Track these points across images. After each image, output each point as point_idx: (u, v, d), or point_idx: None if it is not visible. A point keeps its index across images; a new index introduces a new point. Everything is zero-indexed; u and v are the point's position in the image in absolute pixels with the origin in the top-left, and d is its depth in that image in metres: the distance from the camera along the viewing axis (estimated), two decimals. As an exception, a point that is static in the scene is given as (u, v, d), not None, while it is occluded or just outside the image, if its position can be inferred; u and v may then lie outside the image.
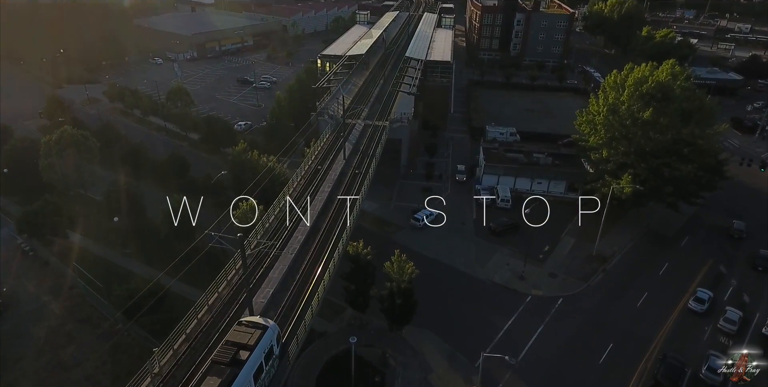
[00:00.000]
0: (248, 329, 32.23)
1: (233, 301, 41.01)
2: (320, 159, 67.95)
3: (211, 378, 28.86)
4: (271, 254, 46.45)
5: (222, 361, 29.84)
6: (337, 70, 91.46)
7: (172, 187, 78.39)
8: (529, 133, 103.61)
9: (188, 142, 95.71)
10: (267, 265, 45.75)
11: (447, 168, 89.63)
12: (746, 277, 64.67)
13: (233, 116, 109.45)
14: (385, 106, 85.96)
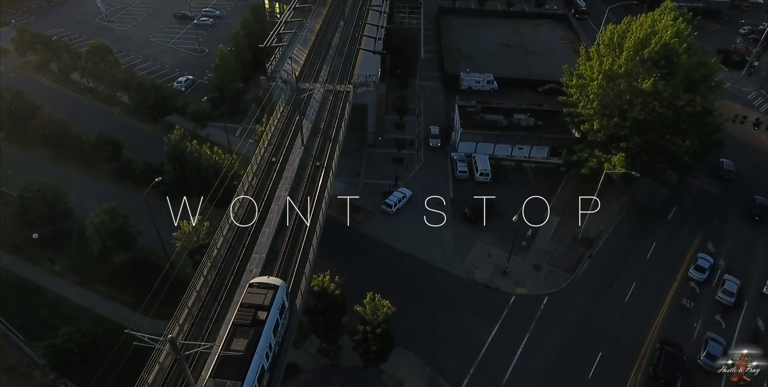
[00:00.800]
0: (261, 290, 35.39)
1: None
2: (275, 146, 58.52)
3: (238, 340, 32.01)
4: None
5: (244, 323, 32.94)
6: (288, 18, 77.98)
7: (103, 174, 68.70)
8: (507, 80, 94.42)
9: (120, 107, 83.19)
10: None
11: (419, 129, 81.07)
12: (743, 229, 62.83)
13: (172, 68, 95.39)
14: (347, 64, 74.63)
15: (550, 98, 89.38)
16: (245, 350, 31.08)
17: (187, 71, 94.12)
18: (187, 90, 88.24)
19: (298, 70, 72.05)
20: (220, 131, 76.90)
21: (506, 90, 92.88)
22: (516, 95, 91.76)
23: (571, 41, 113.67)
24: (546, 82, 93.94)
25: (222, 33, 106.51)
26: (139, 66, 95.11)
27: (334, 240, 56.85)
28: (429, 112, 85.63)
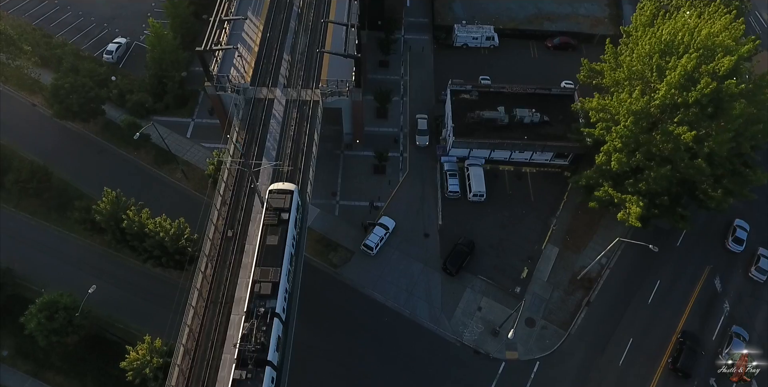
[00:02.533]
0: (280, 195, 43.70)
1: None
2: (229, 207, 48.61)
3: (271, 236, 41.55)
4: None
5: (272, 223, 42.27)
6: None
7: (34, 208, 59.15)
8: (510, 32, 78.16)
9: (43, 94, 68.30)
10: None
11: (404, 116, 68.85)
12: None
13: (99, 21, 76.74)
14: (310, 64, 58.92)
15: (561, 56, 75.88)
16: (278, 243, 41.17)
17: (118, 26, 76.23)
18: (122, 61, 72.29)
19: (250, 70, 57.62)
20: (166, 130, 65.03)
21: (509, 45, 77.62)
22: (521, 52, 77.30)
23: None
24: (556, 34, 78.06)
25: None
26: (57, 20, 76.44)
27: (310, 293, 50.91)
28: (417, 86, 72.08)
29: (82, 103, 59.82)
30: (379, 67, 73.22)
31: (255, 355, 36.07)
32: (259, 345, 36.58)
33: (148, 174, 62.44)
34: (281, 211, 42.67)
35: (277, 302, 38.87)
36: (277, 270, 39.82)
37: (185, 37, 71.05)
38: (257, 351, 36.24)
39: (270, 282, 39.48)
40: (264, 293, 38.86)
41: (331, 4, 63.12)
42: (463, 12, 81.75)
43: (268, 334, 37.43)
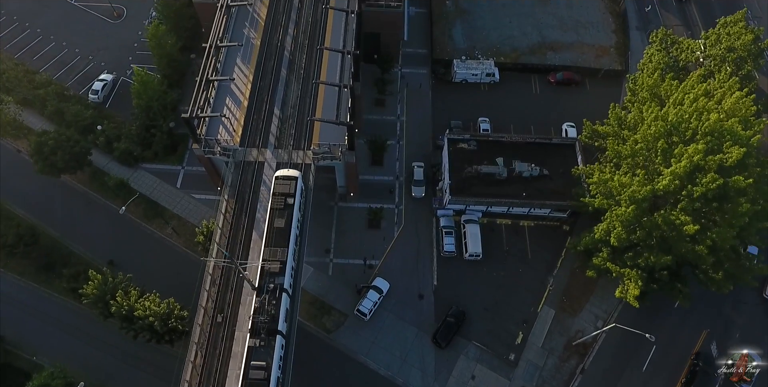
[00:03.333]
0: (285, 182, 47.63)
1: None
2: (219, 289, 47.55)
3: (278, 219, 45.82)
4: None
5: (278, 208, 46.42)
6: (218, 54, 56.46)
7: (23, 269, 58.16)
8: (511, 66, 75.08)
9: (29, 139, 66.27)
10: None
11: (400, 162, 66.89)
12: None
13: (83, 53, 73.56)
14: (301, 124, 56.27)
15: (564, 92, 73.32)
16: (284, 225, 45.28)
17: (104, 59, 73.12)
18: (108, 99, 69.63)
19: (239, 129, 55.40)
20: (155, 180, 63.53)
21: (510, 80, 74.78)
22: (522, 87, 74.59)
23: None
24: (559, 69, 75.04)
25: None
26: (40, 53, 73.25)
27: (303, 360, 50.45)
28: (414, 127, 69.76)
29: (68, 160, 57.87)
30: (375, 106, 70.74)
31: (267, 325, 41.28)
32: (270, 317, 41.54)
33: (137, 228, 61.15)
34: (287, 196, 46.85)
35: (284, 279, 43.66)
36: (284, 250, 44.63)
37: (173, 75, 68.44)
38: (268, 322, 41.45)
39: (278, 261, 44.15)
40: (273, 271, 43.72)
41: (323, 58, 59.79)
42: (463, 40, 78.46)
43: (277, 307, 42.48)
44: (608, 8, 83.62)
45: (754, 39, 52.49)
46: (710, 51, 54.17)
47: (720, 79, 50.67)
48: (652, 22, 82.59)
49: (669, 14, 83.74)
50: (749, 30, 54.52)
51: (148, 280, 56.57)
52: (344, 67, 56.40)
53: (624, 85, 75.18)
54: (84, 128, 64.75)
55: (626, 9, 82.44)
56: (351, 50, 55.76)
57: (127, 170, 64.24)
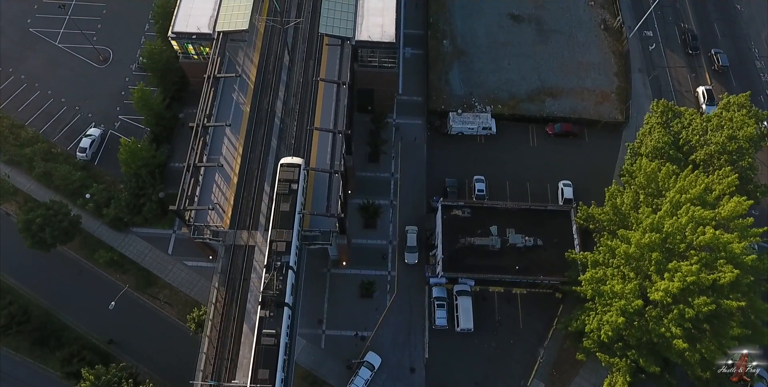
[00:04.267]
0: (289, 168, 50.65)
1: None
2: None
3: (283, 204, 49.15)
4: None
5: (284, 193, 49.61)
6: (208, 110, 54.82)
7: (17, 343, 58.40)
8: (509, 116, 73.24)
9: (16, 200, 65.42)
10: None
11: (393, 224, 66.18)
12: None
13: (69, 102, 71.49)
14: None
15: (562, 144, 71.94)
16: (289, 209, 48.83)
17: (91, 110, 71.22)
18: (97, 156, 68.24)
19: (229, 209, 54.56)
20: (146, 246, 63.23)
21: (507, 130, 73.21)
22: (519, 139, 73.19)
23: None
24: (557, 120, 73.29)
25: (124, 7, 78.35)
26: (25, 103, 71.24)
27: None
28: (408, 185, 68.73)
29: (57, 235, 57.23)
30: (368, 161, 69.42)
31: (275, 298, 45.68)
32: (278, 291, 45.97)
33: (130, 299, 60.96)
34: (291, 182, 50.07)
35: (290, 257, 47.87)
36: (289, 231, 48.60)
37: (161, 132, 66.90)
38: (277, 296, 45.85)
39: (284, 241, 48.14)
40: (279, 250, 47.90)
41: (314, 134, 58.18)
42: (460, 86, 76.32)
43: (284, 282, 47.07)
44: (611, 47, 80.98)
45: (755, 131, 50.94)
46: (711, 137, 52.72)
47: (719, 174, 49.46)
48: (656, 64, 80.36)
49: (674, 54, 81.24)
50: (752, 115, 52.78)
51: (143, 354, 57.37)
52: (335, 144, 55.12)
53: (623, 135, 74.43)
54: (73, 191, 63.94)
55: (629, 49, 79.93)
56: (342, 129, 54.27)
57: (118, 235, 63.73)
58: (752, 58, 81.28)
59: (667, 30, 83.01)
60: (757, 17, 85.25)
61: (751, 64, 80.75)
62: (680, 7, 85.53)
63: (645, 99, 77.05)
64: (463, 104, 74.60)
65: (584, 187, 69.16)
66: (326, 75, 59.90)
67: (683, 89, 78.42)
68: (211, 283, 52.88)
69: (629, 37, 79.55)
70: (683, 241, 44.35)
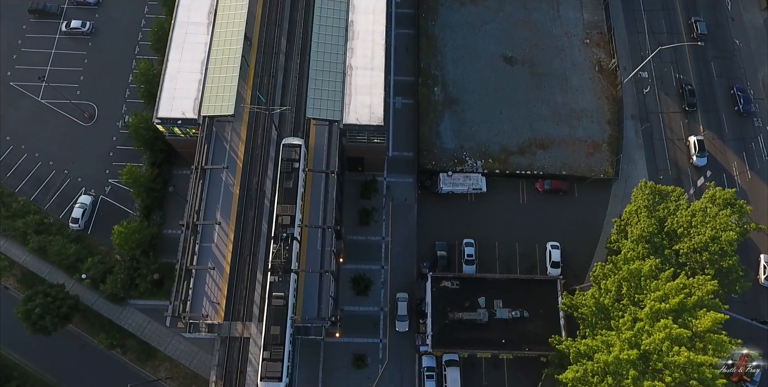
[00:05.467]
0: (291, 148, 56.10)
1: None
2: None
3: (287, 181, 54.95)
4: None
5: (287, 171, 55.27)
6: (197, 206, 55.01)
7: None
8: (499, 172, 73.17)
9: (14, 274, 66.40)
10: None
11: (385, 290, 67.75)
12: None
13: (58, 165, 71.00)
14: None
15: (551, 201, 72.51)
16: (292, 186, 54.53)
17: (80, 174, 70.96)
18: (90, 225, 68.65)
19: (223, 301, 55.95)
20: (145, 319, 65.09)
21: (498, 186, 73.51)
22: (509, 196, 73.70)
23: (599, 35, 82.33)
24: (547, 176, 73.32)
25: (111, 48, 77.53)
26: (13, 167, 70.82)
27: None
28: (399, 248, 69.66)
29: (56, 321, 58.85)
30: (359, 225, 70.05)
31: (282, 266, 51.65)
32: (285, 259, 51.97)
33: (131, 372, 63.51)
34: (293, 161, 55.08)
35: (294, 229, 53.39)
36: (293, 206, 53.76)
37: (152, 203, 67.09)
38: (284, 263, 51.67)
39: (288, 215, 53.56)
40: (285, 223, 53.44)
41: (306, 207, 58.72)
42: (451, 138, 75.76)
43: (290, 251, 52.78)
44: (605, 92, 79.74)
45: (737, 237, 51.57)
46: (695, 234, 53.40)
47: (699, 279, 50.57)
48: (650, 109, 79.46)
49: (668, 98, 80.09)
50: (737, 211, 53.18)
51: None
52: (325, 241, 55.87)
53: (612, 190, 74.77)
54: (68, 266, 65.01)
55: (623, 93, 78.63)
56: (331, 226, 54.84)
57: (116, 308, 65.36)
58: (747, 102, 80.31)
59: (663, 70, 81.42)
60: (755, 54, 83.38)
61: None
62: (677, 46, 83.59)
63: (636, 149, 77.04)
64: (454, 159, 74.49)
65: (572, 247, 70.62)
66: (314, 155, 59.68)
67: (675, 137, 78.01)
68: (209, 356, 55.22)
69: (623, 83, 78.16)
70: (660, 359, 46.30)
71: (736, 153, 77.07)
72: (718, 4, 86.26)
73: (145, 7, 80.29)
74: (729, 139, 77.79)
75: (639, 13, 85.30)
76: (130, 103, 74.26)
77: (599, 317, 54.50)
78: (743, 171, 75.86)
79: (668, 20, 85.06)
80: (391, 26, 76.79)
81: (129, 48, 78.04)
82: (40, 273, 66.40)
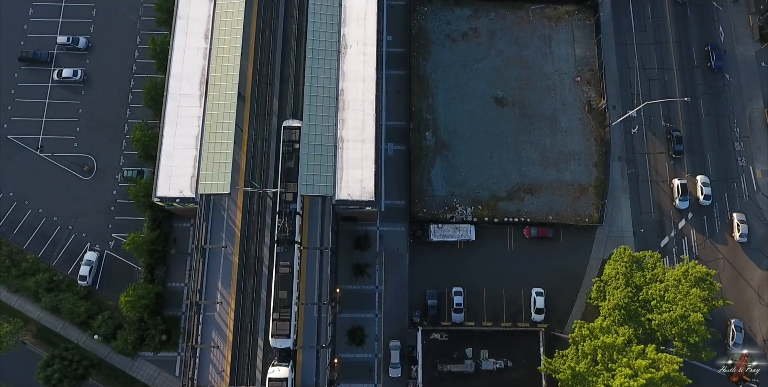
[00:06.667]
0: (292, 130, 61.68)
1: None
2: None
3: (288, 161, 60.62)
4: None
5: (288, 152, 61.01)
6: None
7: None
8: (488, 220, 75.82)
9: (30, 329, 70.48)
10: None
11: (378, 336, 72.19)
12: None
13: (63, 221, 73.48)
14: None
15: (538, 247, 75.81)
16: (293, 165, 60.20)
17: (85, 230, 73.62)
18: (97, 281, 72.09)
19: (227, 368, 60.36)
20: (155, 370, 69.89)
21: (486, 233, 76.46)
22: (498, 243, 76.85)
23: (590, 73, 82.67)
24: (534, 223, 76.16)
25: (104, 97, 78.12)
26: (19, 224, 73.35)
27: None
28: (392, 296, 73.33)
29: (74, 383, 63.57)
30: (353, 275, 73.46)
31: (287, 238, 58.05)
32: (289, 232, 58.12)
33: (150, 424, 69.07)
34: (293, 142, 60.28)
35: (296, 204, 59.39)
36: (295, 184, 59.65)
37: (155, 262, 70.15)
38: (288, 236, 58.12)
39: (291, 192, 59.56)
40: (288, 200, 59.36)
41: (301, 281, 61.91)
42: (442, 185, 77.87)
43: (293, 224, 58.72)
44: (593, 133, 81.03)
45: (704, 318, 55.07)
46: (665, 310, 56.91)
47: (667, 357, 54.50)
48: (637, 150, 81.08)
49: (655, 139, 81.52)
50: (707, 288, 56.49)
51: None
52: (321, 316, 59.54)
53: (596, 235, 77.69)
54: (81, 322, 69.06)
55: (611, 134, 79.95)
56: (326, 302, 58.39)
57: (127, 360, 69.89)
58: (732, 140, 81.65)
59: (651, 109, 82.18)
60: (744, 89, 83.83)
61: (730, 148, 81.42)
62: (668, 81, 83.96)
63: (621, 191, 79.33)
64: (445, 206, 76.99)
65: (556, 291, 74.45)
66: (309, 228, 62.37)
67: (660, 179, 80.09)
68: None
69: (612, 126, 79.34)
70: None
71: (718, 194, 79.42)
72: (711, 35, 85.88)
73: (135, 51, 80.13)
74: (713, 180, 79.83)
75: (631, 46, 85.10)
76: (127, 155, 75.94)
77: (576, 381, 59.14)
78: (723, 212, 78.70)
79: (659, 54, 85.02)
80: (383, 68, 77.18)
81: (122, 95, 78.57)
82: (54, 328, 70.61)
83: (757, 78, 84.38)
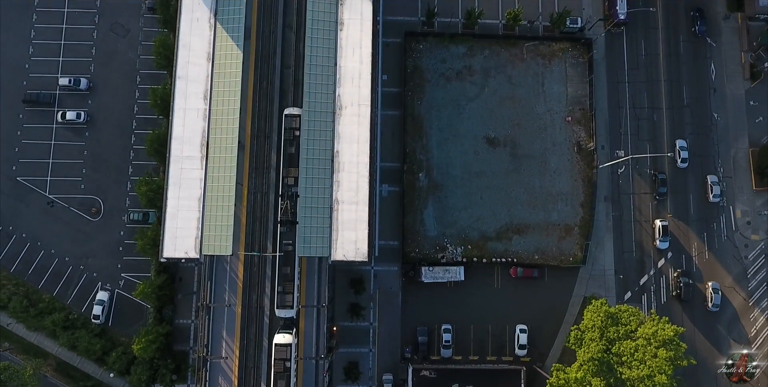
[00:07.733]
0: (292, 118, 65.63)
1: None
2: None
3: (290, 147, 65.25)
4: None
5: (289, 139, 65.41)
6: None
7: None
8: (477, 259, 79.91)
9: (50, 364, 76.13)
10: None
11: (372, 370, 77.94)
12: None
13: (73, 260, 77.59)
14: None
15: (523, 286, 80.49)
16: (294, 151, 64.52)
17: (95, 269, 77.84)
18: (110, 318, 77.08)
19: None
20: (167, 400, 75.93)
21: (475, 273, 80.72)
22: (485, 282, 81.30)
23: (581, 112, 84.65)
24: (519, 264, 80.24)
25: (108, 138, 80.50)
26: (32, 264, 77.46)
27: None
28: (385, 333, 78.56)
29: (96, 421, 69.90)
30: (347, 312, 78.14)
31: (290, 220, 63.49)
32: (292, 215, 63.60)
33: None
34: (294, 129, 64.34)
35: (298, 188, 63.79)
36: (296, 169, 64.06)
37: (163, 304, 74.80)
38: (290, 217, 63.51)
39: (293, 177, 64.31)
40: (290, 184, 64.12)
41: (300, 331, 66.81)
42: (434, 226, 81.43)
43: (294, 206, 63.76)
44: (581, 173, 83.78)
45: (668, 382, 59.89)
46: (633, 367, 61.89)
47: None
48: (622, 190, 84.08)
49: (641, 179, 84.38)
50: (674, 348, 61.14)
51: None
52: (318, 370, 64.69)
53: (579, 274, 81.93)
54: (97, 358, 74.59)
55: (598, 174, 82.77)
56: (323, 356, 63.40)
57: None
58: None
59: (639, 149, 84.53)
60: (731, 128, 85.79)
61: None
62: (657, 120, 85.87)
63: (605, 231, 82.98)
64: (436, 246, 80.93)
65: (539, 327, 79.52)
66: (306, 286, 66.61)
67: (643, 219, 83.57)
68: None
69: (599, 168, 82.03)
70: None
71: (698, 234, 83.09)
72: (702, 74, 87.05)
73: (136, 91, 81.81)
74: (693, 220, 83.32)
75: (623, 85, 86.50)
76: (133, 196, 79.15)
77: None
78: (702, 251, 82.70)
79: (650, 93, 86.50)
80: (378, 108, 79.43)
81: (125, 136, 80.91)
82: (72, 362, 76.13)
83: (744, 117, 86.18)
